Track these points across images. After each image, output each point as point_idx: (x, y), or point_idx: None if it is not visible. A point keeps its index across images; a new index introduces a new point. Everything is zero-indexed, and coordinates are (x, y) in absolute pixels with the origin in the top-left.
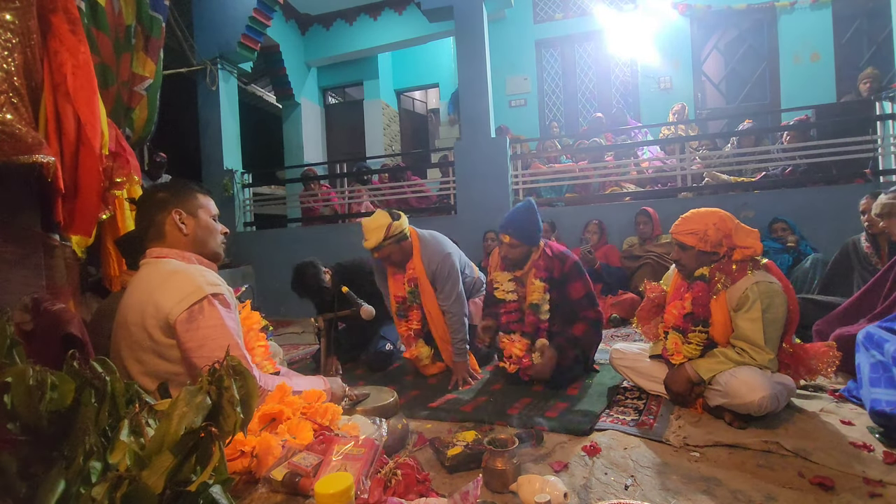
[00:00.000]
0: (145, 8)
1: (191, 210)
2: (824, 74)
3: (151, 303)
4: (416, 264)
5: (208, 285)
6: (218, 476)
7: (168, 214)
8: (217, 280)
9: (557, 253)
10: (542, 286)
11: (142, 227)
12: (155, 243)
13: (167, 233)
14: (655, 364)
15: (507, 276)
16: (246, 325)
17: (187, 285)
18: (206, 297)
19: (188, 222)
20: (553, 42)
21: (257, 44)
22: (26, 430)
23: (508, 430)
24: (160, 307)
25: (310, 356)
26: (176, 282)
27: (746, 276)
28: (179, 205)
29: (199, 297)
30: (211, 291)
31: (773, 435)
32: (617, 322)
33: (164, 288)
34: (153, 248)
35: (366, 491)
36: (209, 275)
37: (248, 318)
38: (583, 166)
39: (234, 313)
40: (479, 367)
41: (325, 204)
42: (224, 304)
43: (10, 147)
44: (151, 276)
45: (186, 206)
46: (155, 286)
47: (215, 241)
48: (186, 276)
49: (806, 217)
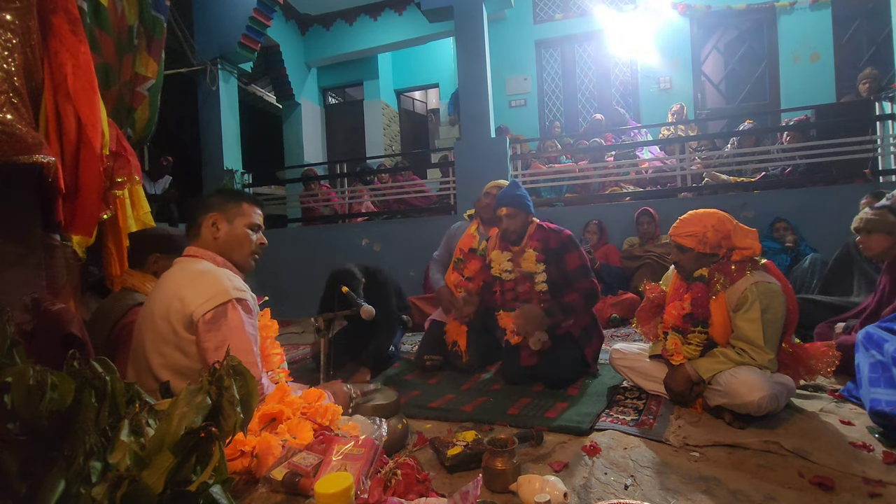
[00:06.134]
0: (148, 8)
1: (229, 216)
2: (824, 74)
3: (178, 298)
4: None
5: (234, 290)
6: (218, 476)
7: (206, 216)
8: (243, 286)
9: (553, 227)
10: (534, 255)
11: (187, 224)
12: (193, 241)
13: (203, 234)
14: (655, 364)
15: (506, 256)
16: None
17: (215, 286)
18: (231, 300)
19: (222, 227)
20: (553, 42)
21: (257, 44)
22: (26, 430)
23: (508, 430)
24: (186, 303)
25: (310, 356)
26: (204, 282)
27: (745, 277)
28: (220, 209)
29: (224, 300)
30: (236, 296)
31: (772, 435)
32: (617, 322)
33: (192, 286)
34: (190, 247)
35: (366, 491)
36: (236, 280)
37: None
38: (583, 166)
39: (254, 320)
40: (480, 368)
41: (326, 204)
42: (247, 310)
43: (11, 147)
44: (182, 273)
45: (226, 213)
46: (183, 283)
47: (245, 251)
48: (215, 277)
49: (806, 217)
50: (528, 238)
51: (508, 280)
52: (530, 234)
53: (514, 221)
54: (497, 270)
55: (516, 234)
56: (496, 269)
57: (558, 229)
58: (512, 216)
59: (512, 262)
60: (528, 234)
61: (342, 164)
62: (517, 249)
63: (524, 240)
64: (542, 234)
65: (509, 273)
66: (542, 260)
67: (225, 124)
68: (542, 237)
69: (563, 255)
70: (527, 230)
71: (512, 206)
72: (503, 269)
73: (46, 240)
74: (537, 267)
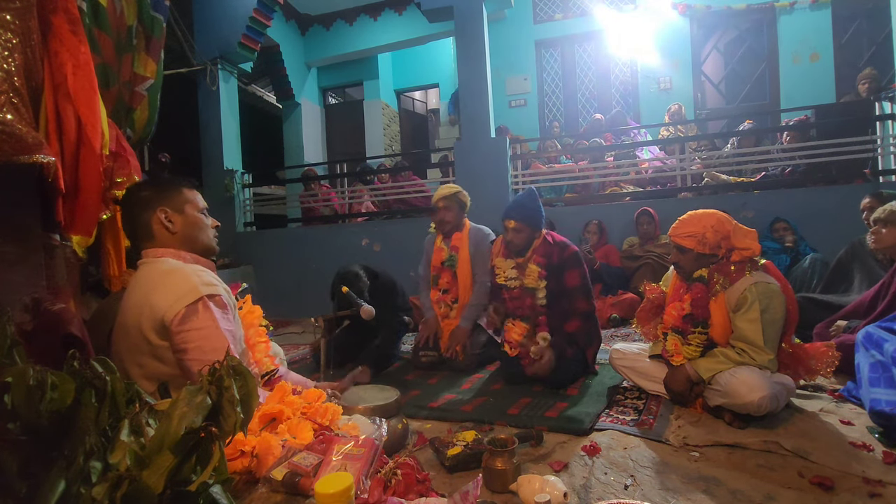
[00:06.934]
0: (147, 8)
1: (177, 207)
2: (824, 74)
3: (147, 304)
4: (464, 239)
5: (204, 286)
6: (218, 476)
7: (154, 213)
8: (213, 280)
9: (559, 241)
10: (536, 270)
11: (129, 228)
12: (147, 243)
13: (156, 232)
14: (655, 364)
15: (510, 264)
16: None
17: (183, 286)
18: (202, 298)
19: (175, 220)
20: (553, 42)
21: (257, 44)
22: (26, 430)
23: (508, 430)
24: (155, 308)
25: (310, 355)
26: (171, 282)
27: (745, 277)
28: (165, 202)
29: (194, 298)
30: (207, 292)
31: (772, 435)
32: (617, 322)
33: (160, 289)
34: (148, 249)
35: (366, 491)
36: (205, 275)
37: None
38: (583, 166)
39: (231, 314)
40: (479, 367)
41: (326, 204)
42: (220, 305)
43: (11, 147)
44: (148, 276)
45: (172, 204)
46: (151, 287)
47: (206, 235)
48: (182, 276)
49: (806, 217)
50: (533, 251)
51: (514, 288)
52: (535, 248)
53: (520, 236)
54: (502, 278)
55: (520, 247)
56: (501, 277)
57: (564, 244)
58: (518, 231)
59: (517, 271)
60: (532, 248)
61: (342, 164)
62: (521, 260)
63: (529, 252)
64: (547, 248)
65: (514, 280)
66: (544, 276)
67: (225, 124)
68: (547, 252)
69: (563, 272)
70: (532, 243)
71: (520, 221)
72: (508, 277)
73: (46, 240)
74: (539, 283)
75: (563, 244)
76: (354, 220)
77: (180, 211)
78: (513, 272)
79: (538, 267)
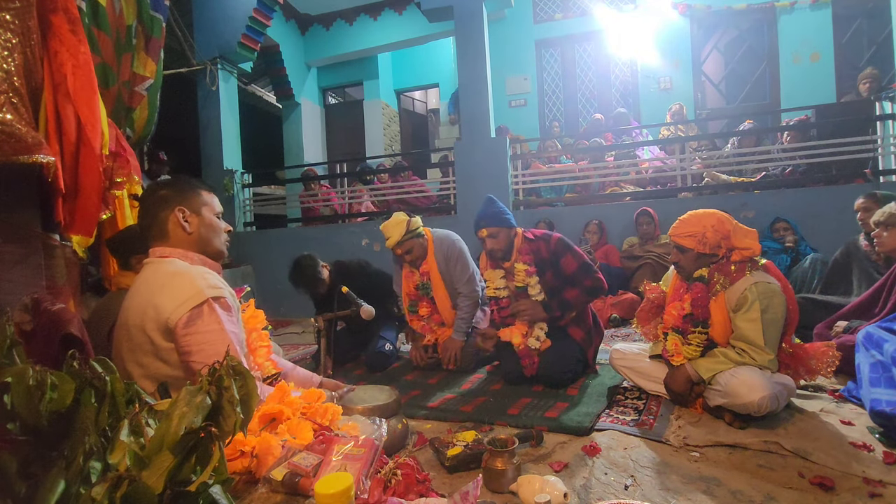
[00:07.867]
0: (146, 8)
1: (194, 208)
2: (824, 74)
3: (152, 305)
4: (430, 260)
5: (209, 288)
6: (218, 476)
7: (171, 212)
8: (219, 283)
9: (540, 235)
10: (524, 268)
11: (144, 224)
12: (158, 242)
13: (170, 231)
14: (655, 364)
15: (499, 273)
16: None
17: (188, 288)
18: (207, 300)
19: (192, 220)
20: (553, 42)
21: (257, 44)
22: (26, 430)
23: (508, 430)
24: (160, 310)
25: (310, 356)
26: (177, 284)
27: (745, 277)
28: (183, 203)
29: (199, 301)
30: (212, 295)
31: (773, 435)
32: (617, 322)
33: (165, 290)
34: (156, 248)
35: (366, 491)
36: (211, 277)
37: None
38: (583, 166)
39: (235, 316)
40: (479, 367)
41: (325, 204)
42: (225, 307)
43: (10, 147)
44: (153, 277)
45: (190, 204)
46: (156, 289)
47: (219, 239)
48: (188, 278)
49: (806, 217)
50: (517, 252)
51: (504, 298)
52: (518, 248)
53: (498, 241)
54: (491, 290)
55: (503, 252)
56: (490, 290)
57: (546, 235)
58: (494, 235)
59: (505, 280)
60: (515, 249)
61: (342, 163)
62: (508, 265)
63: (514, 254)
64: (531, 245)
65: (503, 290)
66: (534, 272)
67: (225, 124)
68: (532, 249)
69: (557, 262)
70: (513, 245)
71: (492, 225)
72: (497, 288)
73: (46, 240)
74: (529, 280)
75: (545, 236)
76: (354, 220)
77: (198, 212)
78: (501, 282)
79: (525, 265)
